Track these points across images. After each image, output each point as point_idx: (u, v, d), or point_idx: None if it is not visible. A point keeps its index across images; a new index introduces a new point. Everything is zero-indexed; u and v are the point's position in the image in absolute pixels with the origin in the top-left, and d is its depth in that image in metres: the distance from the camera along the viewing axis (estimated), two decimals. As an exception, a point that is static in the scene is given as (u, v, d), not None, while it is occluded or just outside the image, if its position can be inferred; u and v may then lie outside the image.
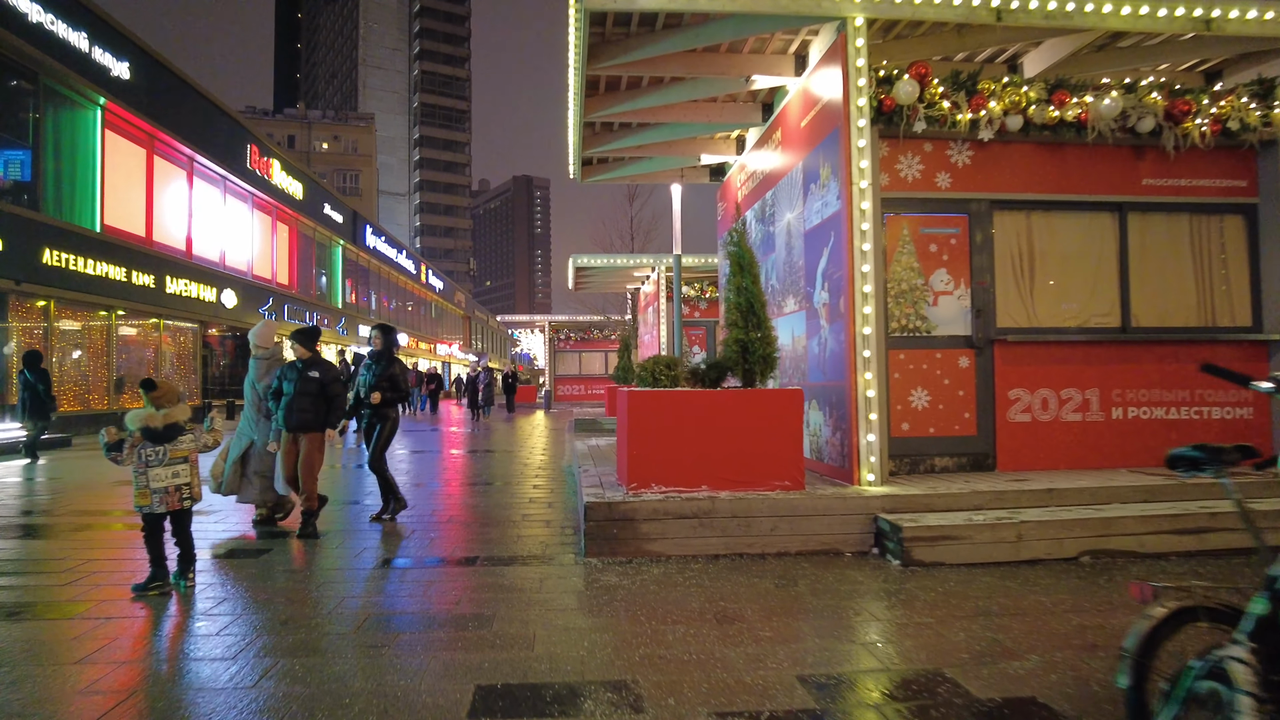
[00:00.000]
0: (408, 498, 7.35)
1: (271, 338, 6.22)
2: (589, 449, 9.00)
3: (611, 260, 17.49)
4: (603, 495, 5.24)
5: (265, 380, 6.02)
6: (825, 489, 5.47)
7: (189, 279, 20.03)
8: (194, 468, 4.33)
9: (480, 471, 9.65)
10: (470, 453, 12.26)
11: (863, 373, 5.61)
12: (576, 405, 32.32)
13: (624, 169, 10.01)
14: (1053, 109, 6.15)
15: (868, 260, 5.67)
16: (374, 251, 37.64)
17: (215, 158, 21.64)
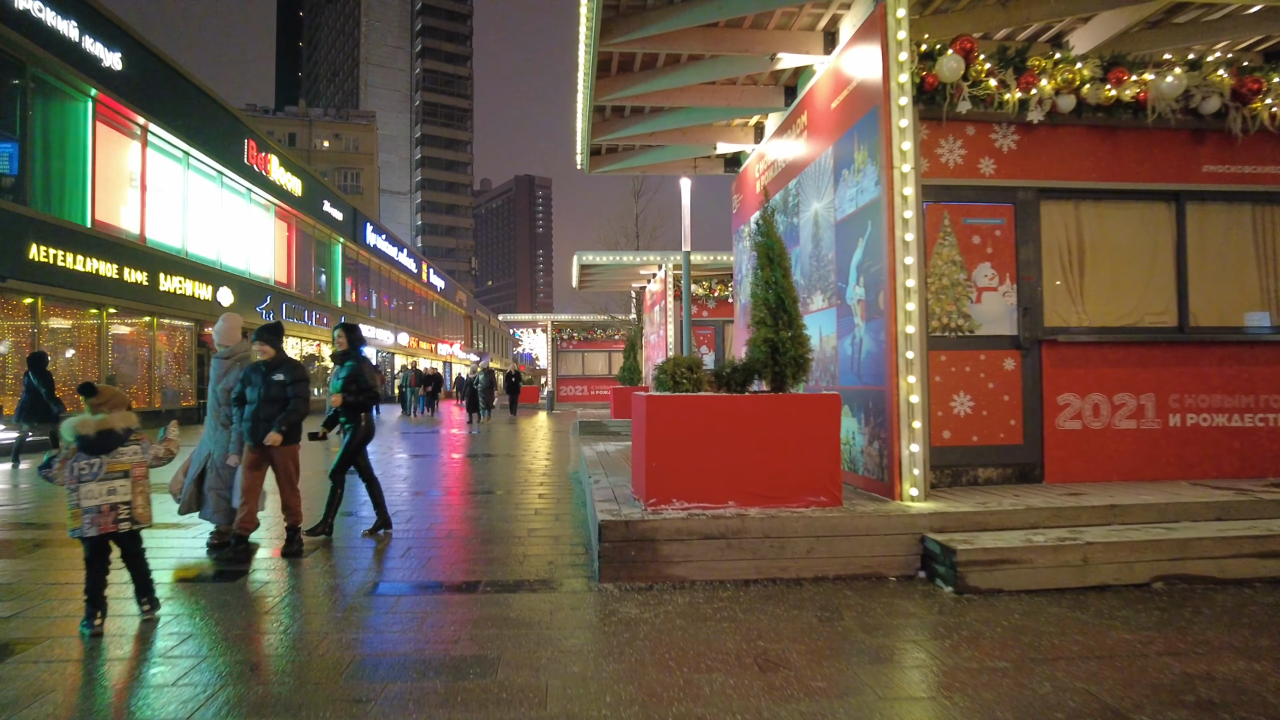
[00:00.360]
0: (404, 508, 6.83)
1: (236, 334, 5.61)
2: (597, 455, 8.48)
3: (617, 258, 16.97)
4: (618, 512, 4.71)
5: (224, 382, 5.43)
6: (865, 505, 4.94)
7: (184, 276, 19.53)
8: (139, 484, 3.69)
9: (481, 479, 9.13)
10: (470, 457, 11.74)
11: (905, 376, 5.08)
12: (580, 406, 31.79)
13: (634, 159, 9.48)
14: (1109, 88, 5.63)
15: (911, 251, 5.15)
16: (374, 250, 37.14)
17: (211, 152, 21.14)
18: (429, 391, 24.30)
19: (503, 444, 14.02)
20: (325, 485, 5.98)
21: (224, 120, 22.06)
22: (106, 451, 3.58)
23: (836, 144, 6.15)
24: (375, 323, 37.32)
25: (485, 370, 19.60)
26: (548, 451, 12.51)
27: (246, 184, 23.67)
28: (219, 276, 21.64)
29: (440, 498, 7.70)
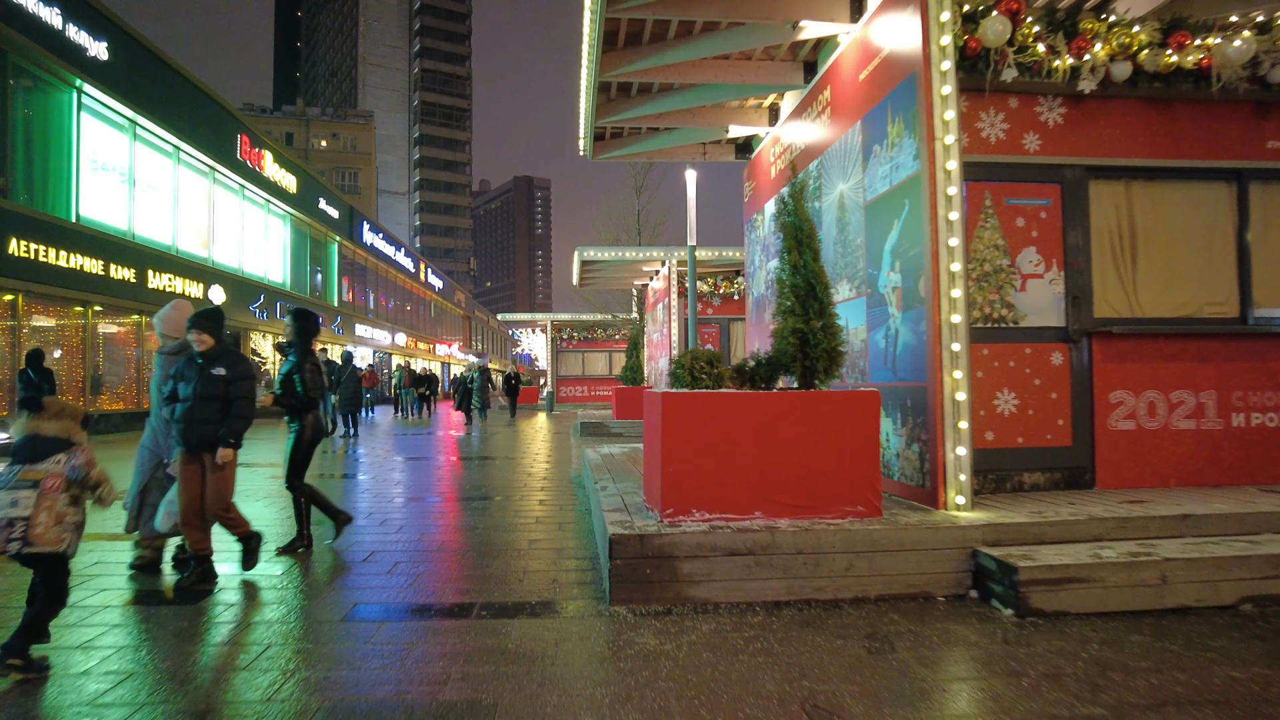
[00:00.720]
0: (394, 517, 6.30)
1: (183, 324, 4.79)
2: (601, 459, 7.95)
3: (620, 254, 16.45)
4: (631, 525, 4.18)
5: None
6: (908, 515, 4.41)
7: (174, 274, 18.99)
8: (45, 499, 3.01)
9: (478, 483, 8.60)
10: (466, 460, 11.20)
11: (950, 370, 4.55)
12: (580, 407, 31.26)
13: (640, 144, 8.96)
14: (1169, 53, 5.10)
15: (955, 232, 4.62)
16: (371, 249, 36.61)
17: (203, 147, 20.62)
18: (423, 393, 23.62)
19: (501, 446, 13.48)
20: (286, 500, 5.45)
21: (216, 115, 21.53)
22: (33, 461, 3.04)
23: (866, 118, 5.63)
24: (372, 322, 36.80)
25: (481, 370, 18.82)
26: (548, 454, 11.97)
27: (239, 180, 23.15)
28: (210, 274, 21.10)
29: (433, 505, 7.16)
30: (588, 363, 32.96)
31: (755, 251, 8.90)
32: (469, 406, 18.38)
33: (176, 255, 19.51)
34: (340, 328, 31.98)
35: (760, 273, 8.62)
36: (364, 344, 35.12)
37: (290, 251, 27.65)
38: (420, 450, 12.78)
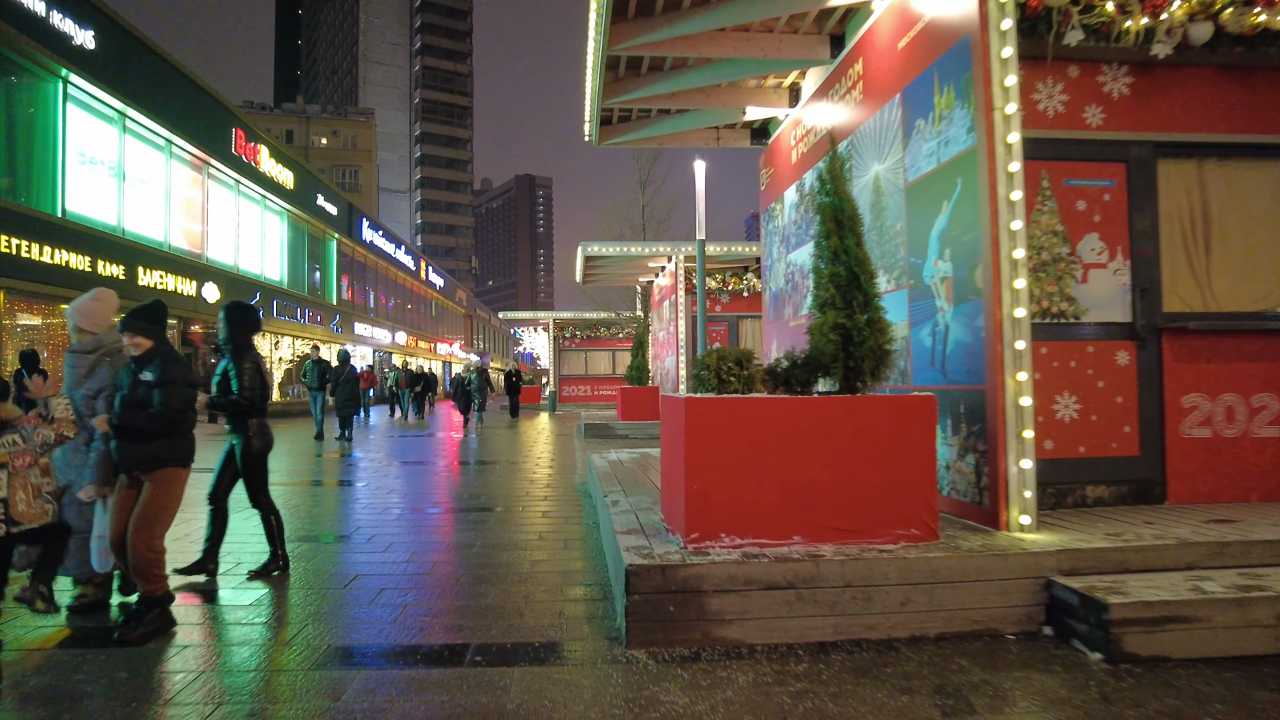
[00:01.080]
0: (384, 532, 5.72)
1: (106, 318, 4.11)
2: (609, 466, 7.38)
3: (625, 249, 15.87)
4: (650, 552, 3.60)
5: (86, 387, 3.89)
6: (968, 539, 3.83)
7: (165, 271, 18.45)
8: (18, 478, 3.14)
9: (476, 492, 8.03)
10: (465, 465, 10.64)
11: (1013, 372, 3.98)
12: (583, 407, 30.70)
13: (649, 128, 8.38)
14: (1257, 12, 4.52)
15: (1018, 214, 4.05)
16: (371, 246, 36.07)
17: (196, 141, 20.07)
18: (419, 393, 22.62)
19: (501, 449, 12.92)
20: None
21: (210, 108, 20.98)
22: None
23: (908, 90, 5.04)
24: (372, 321, 36.27)
25: (479, 370, 17.94)
26: (551, 458, 11.41)
27: (235, 175, 22.60)
28: (204, 271, 20.56)
29: (428, 518, 6.60)
30: (590, 362, 32.41)
31: (773, 243, 8.32)
32: (468, 408, 17.76)
33: (168, 252, 18.97)
34: (339, 326, 31.45)
35: (779, 265, 8.04)
36: (363, 343, 34.59)
37: (287, 249, 27.10)
38: (416, 454, 12.22)
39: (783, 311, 7.91)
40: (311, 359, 13.62)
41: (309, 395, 13.94)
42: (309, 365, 13.57)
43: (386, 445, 13.77)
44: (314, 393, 13.65)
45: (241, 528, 5.95)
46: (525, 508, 6.88)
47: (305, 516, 6.48)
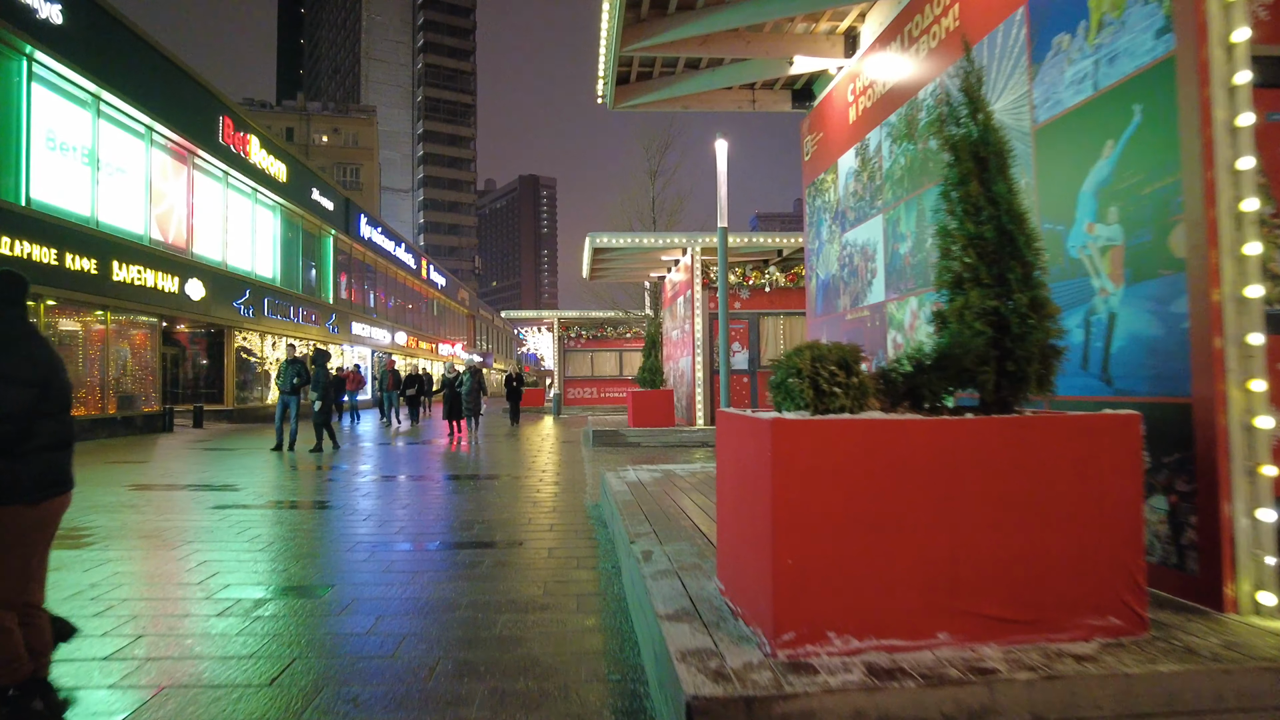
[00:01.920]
0: (348, 581, 4.44)
1: None
2: (629, 490, 6.12)
3: (637, 240, 14.61)
4: (721, 664, 2.31)
5: None
6: (1195, 632, 2.55)
7: (144, 266, 17.23)
8: None
9: (468, 518, 6.78)
10: (456, 482, 9.39)
11: (1242, 379, 2.71)
12: (589, 410, 29.46)
13: (674, 86, 7.12)
14: None
15: (1243, 147, 2.78)
16: (369, 243, 34.87)
17: (179, 128, 18.87)
18: (411, 396, 19.78)
19: (501, 461, 11.66)
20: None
21: (194, 93, 19.78)
22: None
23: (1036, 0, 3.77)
24: (371, 321, 35.08)
25: (471, 370, 15.67)
26: (556, 471, 10.14)
27: (222, 166, 21.40)
28: (188, 267, 19.35)
29: (404, 558, 5.34)
30: (597, 363, 31.20)
31: (821, 222, 7.04)
32: (457, 414, 15.44)
33: (148, 246, 17.76)
34: (336, 326, 30.25)
35: (830, 248, 6.77)
36: (361, 343, 33.41)
37: (280, 245, 25.90)
38: (402, 467, 10.97)
39: (835, 303, 6.64)
40: (285, 360, 12.32)
41: (279, 400, 12.67)
42: (283, 367, 12.28)
43: (368, 456, 12.53)
44: (284, 397, 12.38)
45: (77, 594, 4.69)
46: (527, 542, 5.62)
47: (249, 553, 5.23)
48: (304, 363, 12.33)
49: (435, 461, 11.51)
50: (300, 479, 9.40)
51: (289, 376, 12.06)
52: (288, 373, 12.17)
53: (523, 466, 10.67)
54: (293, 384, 12.04)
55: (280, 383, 12.29)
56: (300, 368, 12.09)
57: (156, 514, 6.74)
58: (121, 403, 16.84)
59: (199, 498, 7.73)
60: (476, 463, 11.29)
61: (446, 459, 11.85)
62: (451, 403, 15.40)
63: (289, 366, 12.20)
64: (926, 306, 4.92)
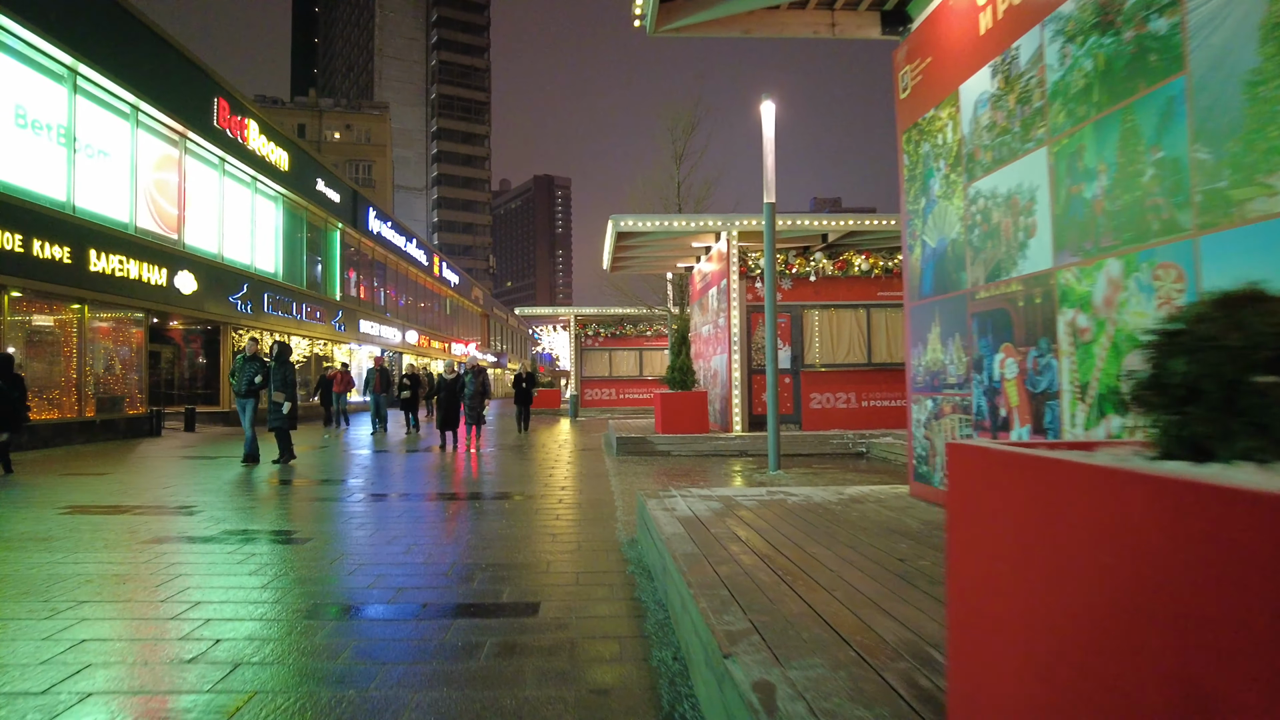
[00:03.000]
0: (291, 662, 2.86)
1: None
2: (685, 531, 4.51)
3: (666, 223, 13.00)
4: None
5: None
6: None
7: (126, 255, 15.85)
8: None
9: (467, 561, 5.20)
10: (456, 502, 7.83)
11: None
12: (607, 412, 27.91)
13: (732, 1, 5.48)
14: None
15: None
16: (379, 238, 33.51)
17: (169, 109, 17.51)
18: (408, 399, 16.77)
19: (511, 474, 10.11)
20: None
21: (186, 72, 18.42)
22: None
23: None
24: (380, 319, 33.72)
25: (474, 368, 13.27)
26: (577, 489, 8.57)
27: (218, 152, 20.05)
28: (178, 258, 17.97)
29: (375, 624, 3.76)
30: (615, 362, 29.64)
31: (930, 174, 5.39)
32: (454, 422, 13.03)
33: (133, 235, 16.38)
34: (343, 324, 28.90)
35: (946, 206, 5.12)
36: (370, 342, 32.05)
37: (283, 237, 24.55)
38: (392, 482, 9.43)
39: (955, 278, 5.00)
40: (244, 354, 10.59)
41: (236, 404, 10.76)
42: (238, 364, 10.55)
43: (348, 468, 11.00)
44: (242, 400, 10.50)
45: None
46: (545, 605, 4.03)
47: (154, 622, 3.67)
48: (263, 359, 10.58)
49: (432, 477, 9.96)
50: (268, 500, 7.88)
51: (246, 375, 10.33)
52: (245, 371, 10.35)
53: (537, 482, 9.08)
54: (251, 383, 10.34)
55: (235, 382, 10.47)
56: (261, 365, 10.43)
57: (66, 552, 5.22)
58: (101, 405, 15.45)
59: (139, 525, 6.21)
60: (481, 478, 9.72)
61: (445, 473, 10.29)
62: (448, 408, 12.94)
63: (247, 364, 10.38)
64: (1142, 271, 3.28)
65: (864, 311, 13.85)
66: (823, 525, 4.58)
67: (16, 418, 9.62)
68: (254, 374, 10.36)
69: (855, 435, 12.72)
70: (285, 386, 10.27)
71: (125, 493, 8.14)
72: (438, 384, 13.34)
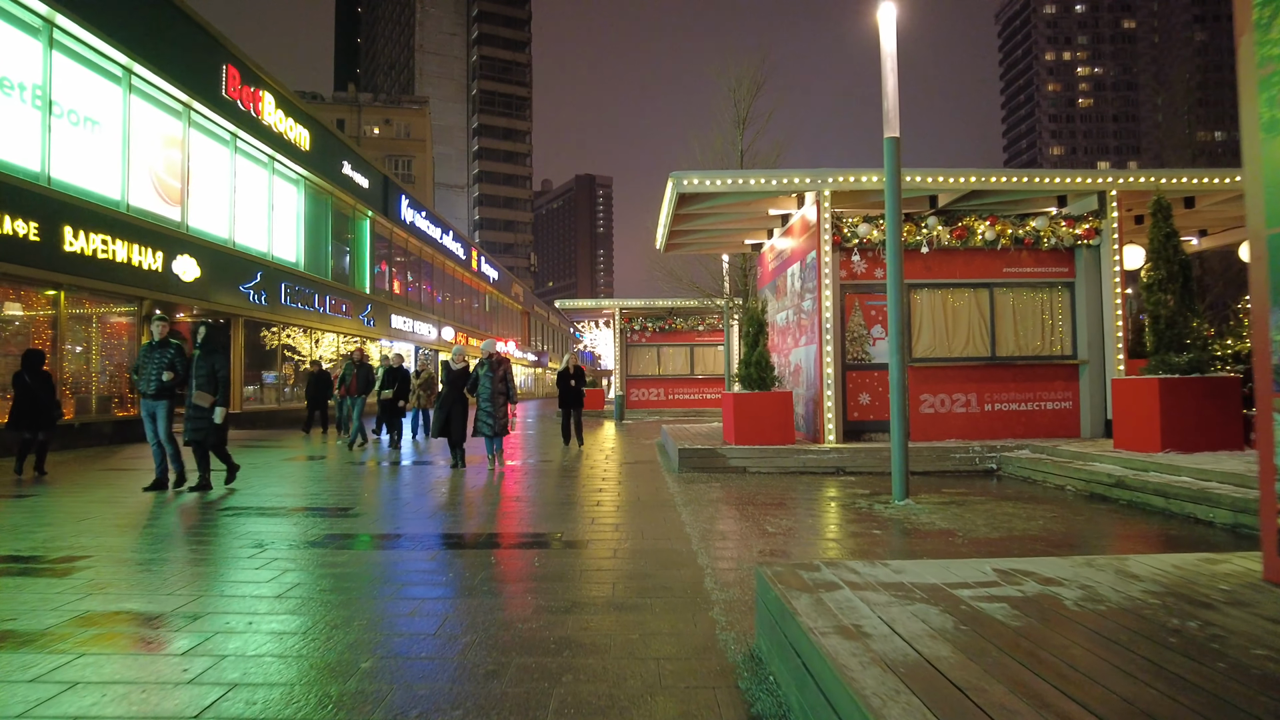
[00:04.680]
0: None
1: None
2: (899, 677, 1.93)
3: (740, 181, 10.36)
4: None
5: None
6: None
7: (110, 235, 13.85)
8: None
9: (476, 701, 2.69)
10: (458, 556, 5.36)
11: None
12: (655, 414, 25.37)
13: None
14: None
15: None
16: (412, 228, 31.54)
17: (170, 74, 15.54)
18: (388, 401, 13.23)
19: (543, 505, 7.63)
20: None
21: (188, 34, 16.44)
22: None
23: None
24: (414, 313, 31.75)
25: (490, 359, 9.70)
26: (637, 533, 6.02)
27: (229, 126, 18.09)
28: (177, 241, 15.97)
29: None
30: (664, 359, 27.07)
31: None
32: (460, 433, 9.87)
33: (125, 214, 14.41)
34: (372, 319, 26.92)
35: None
36: (403, 338, 30.07)
37: (305, 224, 22.60)
38: (373, 515, 7.03)
39: None
40: (150, 343, 7.85)
41: (142, 410, 7.93)
42: (142, 355, 7.89)
43: (327, 490, 8.65)
44: (149, 404, 7.80)
45: None
46: None
47: None
48: (178, 346, 7.86)
49: (430, 505, 7.52)
50: (184, 545, 5.51)
51: (154, 371, 7.71)
52: (153, 364, 7.71)
53: (579, 521, 6.54)
54: (160, 383, 7.75)
55: (140, 381, 7.82)
56: (175, 356, 7.77)
57: None
58: (82, 406, 13.49)
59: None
60: (496, 510, 7.24)
61: (449, 503, 7.85)
62: (451, 414, 9.71)
63: (154, 354, 7.72)
64: None
65: (986, 292, 11.02)
66: (1186, 674, 1.97)
67: (48, 417, 8.97)
68: (163, 367, 7.70)
69: (982, 447, 9.94)
70: (214, 383, 7.82)
71: (17, 530, 5.87)
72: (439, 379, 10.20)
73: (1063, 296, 11.08)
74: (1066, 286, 11.08)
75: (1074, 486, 8.25)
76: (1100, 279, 10.86)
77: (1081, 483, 8.12)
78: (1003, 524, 6.19)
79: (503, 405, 9.66)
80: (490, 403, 9.54)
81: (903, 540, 5.60)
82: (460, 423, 9.89)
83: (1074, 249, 10.98)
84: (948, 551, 5.21)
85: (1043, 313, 11.09)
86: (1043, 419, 10.96)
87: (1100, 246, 10.81)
